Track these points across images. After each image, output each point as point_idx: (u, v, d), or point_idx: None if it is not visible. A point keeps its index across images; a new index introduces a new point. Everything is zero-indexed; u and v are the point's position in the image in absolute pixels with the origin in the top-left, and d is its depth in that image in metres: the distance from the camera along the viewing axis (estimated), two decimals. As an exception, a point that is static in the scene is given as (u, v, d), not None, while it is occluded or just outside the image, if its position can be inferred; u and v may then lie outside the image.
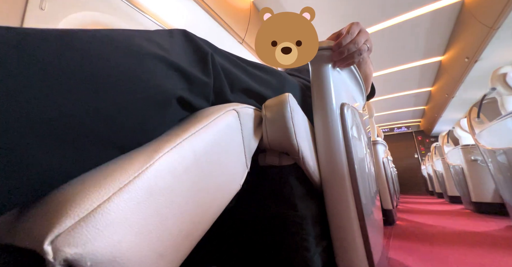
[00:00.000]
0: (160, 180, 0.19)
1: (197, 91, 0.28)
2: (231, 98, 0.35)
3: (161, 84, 0.23)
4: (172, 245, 0.19)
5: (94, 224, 0.14)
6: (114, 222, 0.15)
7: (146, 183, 0.17)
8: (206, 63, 0.30)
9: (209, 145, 0.25)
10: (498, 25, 1.81)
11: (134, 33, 0.25)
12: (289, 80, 0.48)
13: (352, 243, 0.40)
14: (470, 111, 1.72)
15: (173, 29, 0.30)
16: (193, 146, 0.23)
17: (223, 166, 0.27)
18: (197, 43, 0.31)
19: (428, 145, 6.19)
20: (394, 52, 2.86)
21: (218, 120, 0.27)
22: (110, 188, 0.16)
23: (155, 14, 1.33)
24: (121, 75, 0.20)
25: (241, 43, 1.91)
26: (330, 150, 0.43)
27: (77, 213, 0.14)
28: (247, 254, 0.41)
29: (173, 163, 0.20)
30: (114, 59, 0.20)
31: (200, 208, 0.23)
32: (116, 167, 0.18)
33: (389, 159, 2.60)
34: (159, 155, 0.19)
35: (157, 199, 0.18)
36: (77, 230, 0.13)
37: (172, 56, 0.26)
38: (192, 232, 0.22)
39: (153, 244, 0.17)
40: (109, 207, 0.15)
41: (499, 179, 1.51)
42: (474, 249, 1.00)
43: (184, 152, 0.22)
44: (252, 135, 0.34)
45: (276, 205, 0.40)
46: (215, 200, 0.25)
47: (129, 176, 0.17)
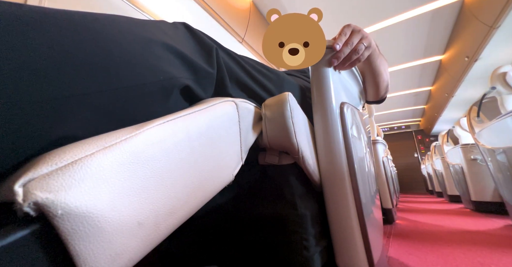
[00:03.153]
0: (148, 148, 0.18)
1: (201, 82, 0.29)
2: (232, 92, 0.35)
3: (169, 71, 0.23)
4: (153, 217, 0.19)
5: (71, 174, 0.14)
6: (93, 177, 0.14)
7: (132, 148, 0.17)
8: (211, 55, 0.31)
9: (204, 128, 0.24)
10: (498, 24, 1.81)
11: (143, 21, 0.25)
12: (287, 81, 0.48)
13: (352, 242, 0.40)
14: (470, 110, 1.72)
15: (175, 22, 0.30)
16: (186, 124, 0.22)
17: (216, 152, 0.26)
18: (199, 35, 0.31)
19: (428, 144, 6.20)
20: (394, 51, 2.86)
21: (216, 107, 0.27)
22: (95, 145, 0.16)
23: (155, 14, 1.33)
24: (131, 58, 0.20)
25: (241, 43, 1.91)
26: (330, 150, 0.43)
27: (55, 162, 0.14)
28: (247, 254, 0.42)
29: (164, 135, 0.20)
30: (126, 44, 0.21)
31: (187, 188, 0.22)
32: (107, 134, 0.17)
33: (389, 158, 2.60)
34: (150, 126, 0.19)
35: (142, 166, 0.18)
36: (52, 177, 0.13)
37: (178, 45, 0.26)
38: (176, 210, 0.21)
39: (132, 210, 0.17)
40: (90, 161, 0.15)
41: (498, 178, 1.52)
42: (473, 248, 1.00)
43: (177, 128, 0.21)
44: (250, 129, 0.34)
45: (276, 204, 0.40)
46: (205, 185, 0.25)
47: (116, 139, 0.17)
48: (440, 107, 4.12)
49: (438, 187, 3.78)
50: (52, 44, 0.16)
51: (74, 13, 0.19)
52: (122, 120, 0.20)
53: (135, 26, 0.23)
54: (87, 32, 0.19)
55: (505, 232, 1.28)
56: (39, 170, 0.13)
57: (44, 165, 0.13)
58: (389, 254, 0.95)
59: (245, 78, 0.37)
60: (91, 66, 0.18)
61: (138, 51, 0.21)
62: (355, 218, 0.41)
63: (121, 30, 0.21)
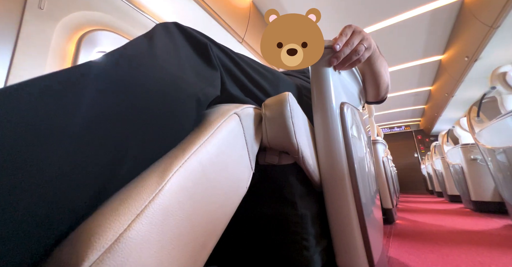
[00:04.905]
0: (173, 200, 0.20)
1: (214, 84, 0.31)
2: (230, 88, 0.36)
3: (192, 94, 0.26)
4: (191, 257, 0.20)
5: (119, 253, 0.15)
6: (137, 247, 0.16)
7: (161, 205, 0.18)
8: (209, 56, 0.32)
9: (215, 155, 0.25)
10: (498, 24, 1.81)
11: (154, 52, 0.26)
12: (283, 80, 0.48)
13: (352, 242, 0.40)
14: (470, 110, 1.72)
15: (167, 25, 0.31)
16: (199, 159, 0.23)
17: (229, 172, 0.27)
18: (193, 35, 0.32)
19: (428, 144, 6.20)
20: (394, 51, 2.86)
21: (222, 127, 0.27)
22: (128, 215, 0.17)
23: (154, 14, 1.33)
24: (165, 107, 0.23)
25: (241, 43, 1.91)
26: (330, 149, 0.43)
27: (101, 244, 0.15)
28: (247, 254, 0.42)
29: (183, 180, 0.21)
30: (158, 92, 0.23)
31: (212, 217, 0.24)
32: (131, 192, 0.18)
33: (389, 158, 2.60)
34: (169, 175, 0.20)
35: (172, 217, 0.19)
36: (104, 262, 0.14)
37: (189, 62, 0.28)
38: (207, 242, 0.23)
39: (173, 259, 0.18)
40: (130, 235, 0.16)
41: (498, 178, 1.52)
42: (473, 248, 1.00)
43: (192, 167, 0.22)
44: (254, 137, 0.34)
45: (276, 204, 0.40)
46: (225, 206, 0.26)
47: (144, 201, 0.18)
48: (440, 107, 4.12)
49: (438, 187, 3.78)
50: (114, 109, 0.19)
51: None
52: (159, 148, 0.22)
53: (154, 68, 0.24)
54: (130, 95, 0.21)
55: (505, 232, 1.28)
56: (91, 257, 0.14)
57: (94, 250, 0.14)
58: (389, 254, 0.95)
59: (239, 74, 0.38)
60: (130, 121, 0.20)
61: (168, 102, 0.23)
62: (355, 218, 0.41)
63: (150, 77, 0.23)
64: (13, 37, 0.78)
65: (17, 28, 0.79)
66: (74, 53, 0.95)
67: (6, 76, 0.74)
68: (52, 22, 0.88)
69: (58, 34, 0.89)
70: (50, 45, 0.86)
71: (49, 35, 0.87)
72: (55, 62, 0.87)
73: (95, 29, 1.03)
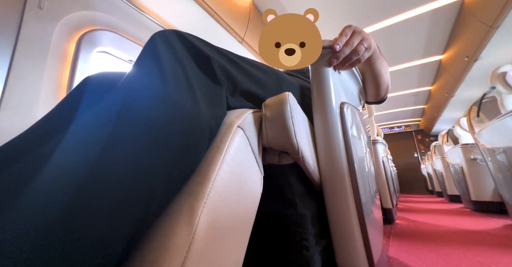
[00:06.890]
0: (206, 240, 0.21)
1: (218, 111, 0.31)
2: (230, 101, 0.35)
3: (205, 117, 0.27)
4: None
5: None
6: None
7: (198, 252, 0.20)
8: (214, 72, 0.32)
9: (228, 180, 0.26)
10: (498, 24, 1.81)
11: (162, 75, 0.26)
12: (286, 80, 0.48)
13: (352, 242, 0.40)
14: (470, 110, 1.72)
15: (168, 38, 0.29)
16: (217, 190, 0.24)
17: (244, 187, 0.28)
18: (195, 46, 0.31)
19: (428, 144, 6.20)
20: (393, 51, 2.86)
21: (229, 148, 0.28)
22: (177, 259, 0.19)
23: (154, 14, 1.32)
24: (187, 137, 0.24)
25: (241, 43, 1.91)
26: (330, 149, 0.43)
27: None
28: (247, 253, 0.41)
29: (209, 220, 0.22)
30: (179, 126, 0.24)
31: (238, 234, 0.26)
32: (168, 244, 0.20)
33: (389, 158, 2.60)
34: (196, 220, 0.21)
35: (210, 253, 0.21)
36: None
37: (196, 83, 0.28)
38: (239, 258, 0.25)
39: None
40: None
41: (498, 178, 1.52)
42: (473, 248, 1.00)
43: (213, 203, 0.23)
44: (258, 143, 0.35)
45: (276, 204, 0.40)
46: (247, 219, 0.28)
47: (183, 253, 0.20)
48: (440, 107, 4.12)
49: (438, 187, 3.78)
50: None
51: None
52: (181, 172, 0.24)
53: (170, 107, 0.24)
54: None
55: (505, 232, 1.28)
56: None
57: None
58: (389, 254, 0.95)
59: (243, 80, 0.37)
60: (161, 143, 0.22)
61: (187, 140, 0.24)
62: (355, 218, 0.41)
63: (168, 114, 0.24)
64: (13, 37, 0.78)
65: (17, 28, 0.79)
66: (74, 53, 0.95)
67: (6, 76, 0.74)
68: (52, 22, 0.88)
69: (58, 33, 0.89)
70: (50, 45, 0.86)
71: (49, 35, 0.86)
72: (55, 62, 0.87)
73: (95, 29, 1.03)
